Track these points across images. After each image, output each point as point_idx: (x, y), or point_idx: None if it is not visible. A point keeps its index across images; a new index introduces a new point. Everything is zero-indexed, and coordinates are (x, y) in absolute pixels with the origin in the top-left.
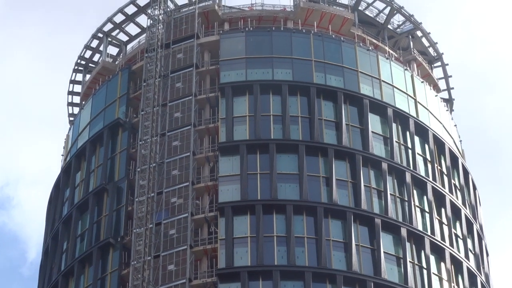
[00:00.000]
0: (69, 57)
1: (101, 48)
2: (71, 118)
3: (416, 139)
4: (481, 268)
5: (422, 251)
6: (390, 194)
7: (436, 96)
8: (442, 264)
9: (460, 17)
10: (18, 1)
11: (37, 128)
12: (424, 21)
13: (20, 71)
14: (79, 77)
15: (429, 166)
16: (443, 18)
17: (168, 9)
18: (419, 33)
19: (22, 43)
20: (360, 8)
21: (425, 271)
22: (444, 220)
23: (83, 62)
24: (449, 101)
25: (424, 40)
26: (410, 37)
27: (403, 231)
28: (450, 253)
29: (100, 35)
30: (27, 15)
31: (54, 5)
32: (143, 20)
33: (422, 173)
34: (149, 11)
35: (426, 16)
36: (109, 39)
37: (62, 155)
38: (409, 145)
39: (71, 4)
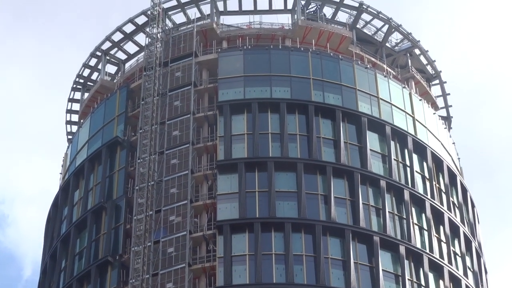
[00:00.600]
0: (68, 75)
1: (99, 67)
2: (70, 137)
3: (415, 157)
4: (480, 286)
5: (421, 269)
6: (389, 211)
7: (434, 114)
8: (441, 281)
9: (457, 34)
10: (16, 18)
11: (34, 146)
12: (422, 39)
13: (18, 89)
14: (78, 95)
15: (428, 184)
16: (441, 36)
17: (167, 28)
18: (417, 51)
19: (19, 61)
20: (358, 26)
21: None
22: (443, 237)
23: (81, 81)
24: (447, 119)
25: (422, 58)
26: (408, 55)
27: (402, 249)
28: (449, 271)
29: (98, 53)
30: (25, 32)
31: (52, 23)
32: (141, 38)
33: (421, 191)
34: (147, 29)
35: (424, 34)
36: (108, 58)
37: (61, 173)
38: (408, 163)
39: (70, 22)
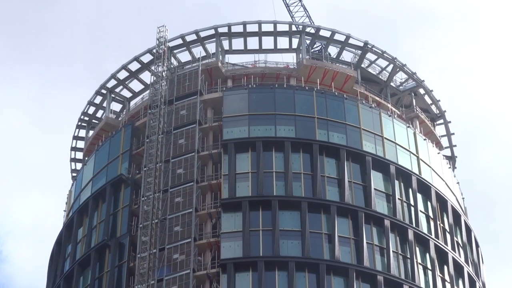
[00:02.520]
0: (73, 113)
1: (104, 104)
2: (74, 174)
3: (419, 196)
4: None
5: None
6: (393, 251)
7: (438, 153)
8: None
9: (463, 74)
10: (22, 54)
11: (31, 182)
12: (426, 79)
13: (18, 126)
14: (82, 133)
15: (432, 223)
16: (445, 75)
17: (172, 66)
18: (421, 91)
19: (21, 98)
20: (363, 65)
21: None
22: (447, 277)
23: (86, 118)
24: (451, 159)
25: (426, 97)
26: (413, 94)
27: None
28: None
29: (103, 91)
30: (30, 69)
31: (60, 60)
32: (146, 76)
33: (425, 230)
34: (152, 67)
35: (429, 74)
36: (113, 95)
37: (65, 210)
38: (412, 202)
39: (76, 59)
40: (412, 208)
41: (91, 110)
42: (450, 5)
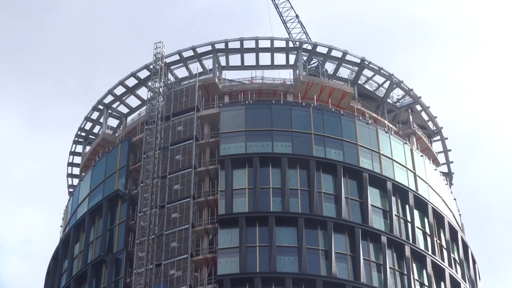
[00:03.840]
0: (70, 129)
1: (101, 120)
2: (71, 190)
3: (416, 212)
4: None
5: None
6: (390, 267)
7: (435, 170)
8: None
9: (460, 90)
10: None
11: (21, 198)
12: (423, 95)
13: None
14: (79, 148)
15: (429, 240)
16: (441, 91)
17: (169, 82)
18: (418, 107)
19: (21, 113)
20: (359, 82)
21: None
22: None
23: (83, 134)
24: (448, 175)
25: (423, 114)
26: (410, 111)
27: None
28: None
29: (100, 107)
30: (26, 83)
31: (57, 75)
32: (143, 92)
33: (422, 246)
34: (149, 83)
35: (425, 90)
36: (110, 111)
37: (61, 226)
38: (409, 218)
39: (73, 75)
40: (409, 225)
41: (88, 125)
42: (446, 20)
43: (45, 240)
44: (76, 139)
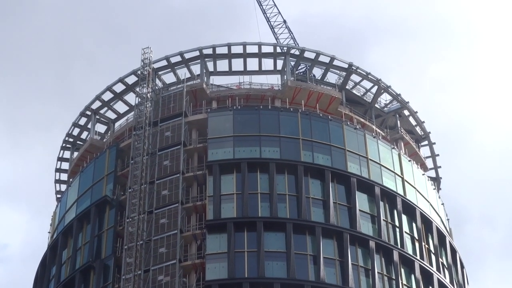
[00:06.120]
0: (57, 134)
1: (89, 126)
2: (59, 196)
3: (404, 217)
4: None
5: None
6: (378, 272)
7: (423, 175)
8: None
9: (447, 94)
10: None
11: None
12: (411, 100)
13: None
14: (67, 154)
15: (417, 244)
16: (429, 96)
17: (156, 88)
18: (406, 112)
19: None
20: (347, 87)
21: None
22: None
23: (71, 140)
24: (436, 180)
25: (411, 119)
26: (397, 115)
27: None
28: None
29: (88, 112)
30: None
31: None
32: (131, 98)
33: (410, 251)
34: (137, 89)
35: (413, 95)
36: (97, 117)
37: (49, 232)
38: (397, 223)
39: (60, 81)
40: (397, 229)
41: (76, 131)
42: (421, 18)
43: (22, 244)
44: (63, 145)
